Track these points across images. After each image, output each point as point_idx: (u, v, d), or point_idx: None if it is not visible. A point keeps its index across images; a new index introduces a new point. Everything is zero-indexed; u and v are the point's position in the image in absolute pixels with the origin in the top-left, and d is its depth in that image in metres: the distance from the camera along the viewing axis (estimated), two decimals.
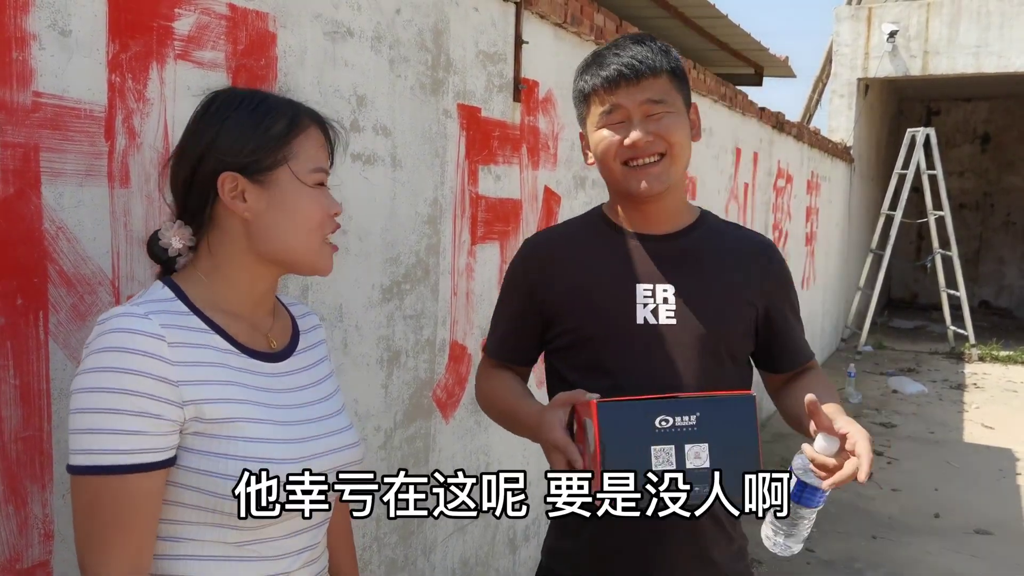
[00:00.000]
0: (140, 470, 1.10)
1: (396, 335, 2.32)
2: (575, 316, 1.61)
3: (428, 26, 2.36)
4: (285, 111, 1.24)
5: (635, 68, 1.51)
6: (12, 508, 1.31)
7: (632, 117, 1.53)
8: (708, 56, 6.46)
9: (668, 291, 1.57)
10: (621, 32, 3.64)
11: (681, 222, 1.64)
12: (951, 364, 9.87)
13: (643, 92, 1.52)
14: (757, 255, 1.66)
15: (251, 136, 1.20)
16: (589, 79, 1.58)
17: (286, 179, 1.22)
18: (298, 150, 1.23)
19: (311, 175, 1.24)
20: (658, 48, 1.56)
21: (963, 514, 4.86)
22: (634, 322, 1.56)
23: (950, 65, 10.65)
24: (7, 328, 1.28)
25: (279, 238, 1.23)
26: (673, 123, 1.54)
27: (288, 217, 1.23)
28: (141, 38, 1.48)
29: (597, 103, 1.56)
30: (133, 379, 1.09)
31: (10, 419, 1.30)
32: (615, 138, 1.54)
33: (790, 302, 1.69)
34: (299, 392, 1.30)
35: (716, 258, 1.63)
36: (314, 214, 1.25)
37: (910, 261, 13.96)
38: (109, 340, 1.11)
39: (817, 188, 8.55)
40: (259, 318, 1.29)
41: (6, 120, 1.27)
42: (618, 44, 1.57)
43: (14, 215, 1.28)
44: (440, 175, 2.46)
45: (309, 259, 1.27)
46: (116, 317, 1.13)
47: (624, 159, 1.55)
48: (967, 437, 6.66)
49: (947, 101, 15.14)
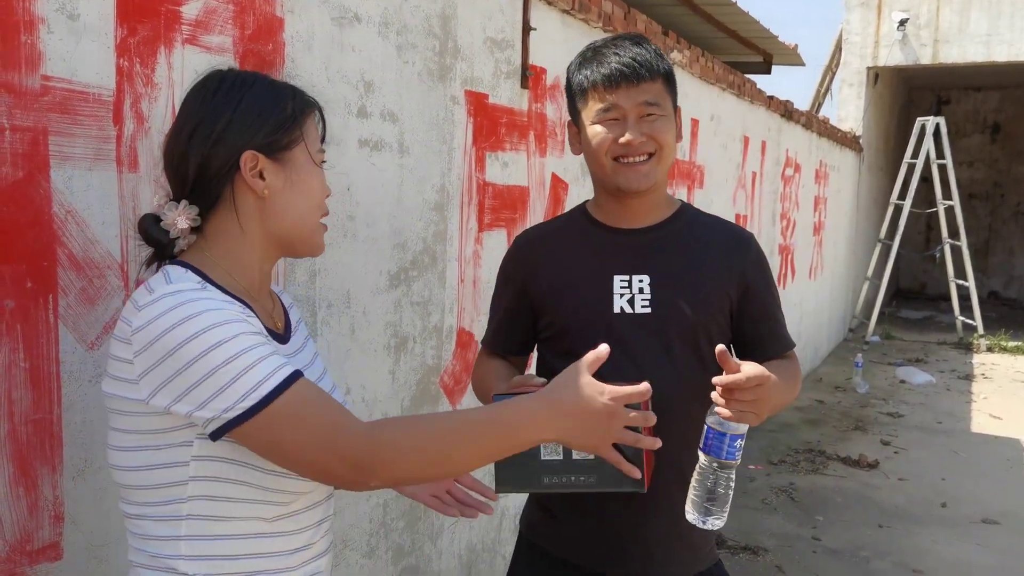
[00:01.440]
0: (302, 375, 1.12)
1: (403, 321, 2.33)
2: (557, 308, 1.70)
3: (435, 12, 2.35)
4: (291, 92, 1.26)
5: (636, 70, 1.58)
6: (22, 490, 1.32)
7: (628, 117, 1.59)
8: (717, 44, 6.43)
9: (644, 281, 1.64)
10: (630, 19, 3.62)
11: (660, 215, 1.71)
12: (959, 354, 9.84)
13: (641, 94, 1.58)
14: (733, 246, 1.70)
15: (270, 114, 1.21)
16: (589, 74, 1.62)
17: (302, 158, 1.25)
18: (308, 129, 1.26)
19: (319, 154, 1.29)
20: (654, 51, 1.63)
21: (970, 504, 4.85)
22: (611, 311, 1.64)
23: (960, 54, 10.57)
24: (17, 311, 1.29)
25: (291, 215, 1.25)
26: (664, 126, 1.61)
27: (301, 195, 1.25)
28: (149, 22, 1.48)
29: (596, 99, 1.61)
30: (237, 325, 1.09)
31: (20, 402, 1.31)
32: (610, 135, 1.60)
33: (768, 292, 1.72)
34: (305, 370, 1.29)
35: (692, 249, 1.68)
36: (320, 193, 1.29)
37: (919, 251, 13.90)
38: (187, 309, 1.07)
39: (825, 177, 8.51)
40: (265, 300, 1.30)
41: (15, 104, 1.27)
42: (617, 43, 1.62)
43: (23, 199, 1.29)
44: (447, 162, 2.46)
45: (310, 238, 1.30)
46: (172, 294, 1.09)
47: (616, 155, 1.61)
48: (975, 427, 6.64)
49: (957, 90, 15.03)
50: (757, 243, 1.75)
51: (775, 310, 1.73)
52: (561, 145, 3.13)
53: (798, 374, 1.72)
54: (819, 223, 8.41)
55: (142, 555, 1.17)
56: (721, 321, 1.67)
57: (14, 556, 1.32)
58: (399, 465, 1.13)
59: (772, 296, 1.73)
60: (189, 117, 1.21)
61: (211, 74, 1.24)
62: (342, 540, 2.13)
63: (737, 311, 1.68)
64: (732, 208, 5.46)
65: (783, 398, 1.62)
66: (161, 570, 1.16)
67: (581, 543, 1.68)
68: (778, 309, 1.74)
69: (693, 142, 4.60)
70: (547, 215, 3.06)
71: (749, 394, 1.41)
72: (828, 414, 6.83)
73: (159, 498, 1.15)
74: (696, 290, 1.65)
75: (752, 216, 5.97)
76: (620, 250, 1.68)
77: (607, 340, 1.60)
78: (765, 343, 1.70)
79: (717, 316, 1.66)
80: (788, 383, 1.63)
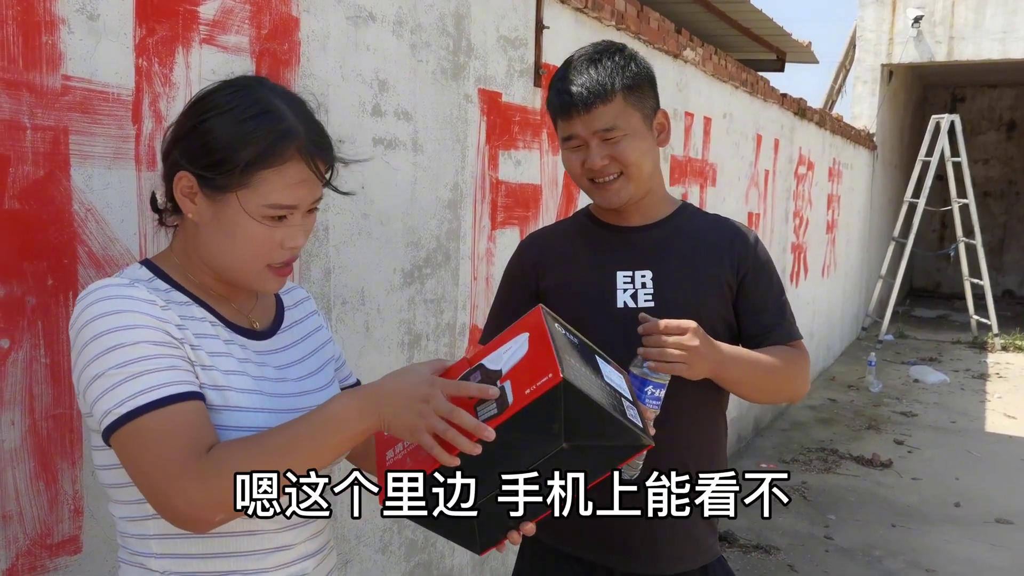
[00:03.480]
0: (183, 399, 1.08)
1: (417, 319, 2.34)
2: (562, 304, 1.69)
3: (449, 11, 2.36)
4: (267, 137, 1.14)
5: (584, 98, 1.58)
6: (43, 484, 1.34)
7: (589, 144, 1.61)
8: (730, 41, 6.41)
9: (646, 276, 1.67)
10: (643, 18, 3.62)
11: (659, 214, 1.74)
12: (974, 353, 9.77)
13: (595, 121, 1.59)
14: (732, 240, 1.72)
15: (216, 150, 1.13)
16: (552, 100, 1.66)
17: (235, 206, 1.15)
18: (259, 183, 1.14)
19: (263, 209, 1.15)
20: (613, 66, 1.60)
21: (984, 503, 4.83)
22: (614, 306, 1.66)
23: (976, 51, 10.49)
24: (38, 308, 1.31)
25: (216, 253, 1.19)
26: (627, 146, 1.61)
27: (227, 239, 1.17)
28: (167, 22, 1.50)
29: (559, 127, 1.66)
30: (144, 331, 1.08)
31: (41, 397, 1.33)
32: (577, 159, 1.64)
33: (766, 283, 1.72)
34: (286, 368, 1.28)
35: (693, 244, 1.71)
36: (255, 246, 1.17)
37: (933, 250, 13.81)
38: (101, 307, 1.08)
39: (839, 175, 8.47)
40: (239, 299, 1.27)
41: (36, 103, 1.29)
42: (575, 66, 1.63)
43: (45, 197, 1.31)
44: (461, 160, 2.47)
45: (246, 280, 1.22)
46: (100, 289, 1.10)
47: (589, 177, 1.65)
48: (989, 427, 6.60)
49: (972, 87, 14.92)
50: (756, 237, 1.77)
51: (775, 301, 1.74)
52: None
53: (797, 363, 1.71)
54: (832, 221, 8.37)
55: (124, 552, 1.19)
56: (724, 314, 1.69)
57: (35, 549, 1.34)
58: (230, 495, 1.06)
59: (772, 287, 1.74)
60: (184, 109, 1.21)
61: (229, 79, 1.21)
62: (356, 536, 2.15)
63: (738, 303, 1.70)
64: (745, 206, 5.45)
65: (758, 376, 1.63)
66: (136, 567, 1.17)
67: (586, 538, 1.69)
68: (779, 300, 1.75)
69: (706, 140, 4.60)
70: (560, 213, 3.07)
71: (671, 339, 1.46)
72: (841, 413, 6.81)
73: (129, 496, 1.14)
74: (697, 283, 1.67)
75: (765, 214, 5.95)
76: (622, 247, 1.71)
77: (611, 334, 1.62)
78: (766, 332, 1.71)
79: (720, 308, 1.68)
80: (777, 363, 1.65)
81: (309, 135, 1.18)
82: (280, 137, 1.14)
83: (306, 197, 1.19)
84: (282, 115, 1.16)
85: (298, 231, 1.20)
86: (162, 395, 1.06)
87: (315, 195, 1.21)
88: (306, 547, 1.26)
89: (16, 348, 1.29)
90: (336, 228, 1.98)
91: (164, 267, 1.21)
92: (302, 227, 1.21)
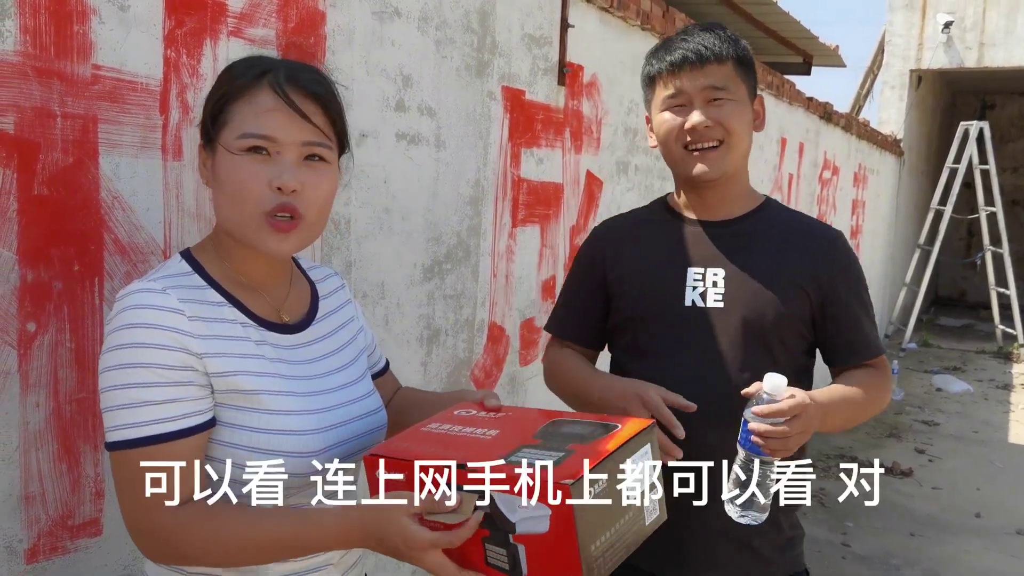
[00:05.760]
0: (182, 436, 1.11)
1: (436, 314, 2.35)
2: (627, 298, 1.67)
3: (474, 8, 2.37)
4: (238, 74, 1.17)
5: (700, 54, 1.55)
6: (65, 466, 1.37)
7: (693, 101, 1.56)
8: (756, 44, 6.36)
9: (718, 275, 1.60)
10: (668, 18, 3.61)
11: (741, 208, 1.66)
12: (998, 364, 9.65)
13: (706, 77, 1.56)
14: (817, 243, 1.63)
15: (206, 104, 1.19)
16: (655, 63, 1.62)
17: (221, 148, 1.16)
18: (232, 116, 1.15)
19: (237, 143, 1.13)
20: (726, 36, 1.60)
21: (1005, 514, 4.77)
22: (682, 304, 1.60)
23: (1007, 57, 10.36)
24: (64, 292, 1.33)
25: (222, 214, 1.19)
26: (733, 111, 1.57)
27: (222, 191, 1.16)
28: (196, 14, 1.52)
29: (662, 86, 1.60)
30: (158, 353, 1.09)
31: (65, 381, 1.35)
32: (676, 121, 1.58)
33: (852, 293, 1.63)
34: (319, 361, 1.29)
35: (772, 244, 1.62)
36: (240, 185, 1.14)
37: (959, 258, 13.64)
38: (130, 317, 1.10)
39: (864, 181, 8.39)
40: (274, 289, 1.28)
41: (67, 92, 1.31)
42: (687, 31, 1.61)
43: (73, 184, 1.33)
44: (483, 157, 2.48)
45: (247, 236, 1.17)
46: (135, 293, 1.12)
47: (684, 143, 1.59)
48: (1012, 437, 6.52)
49: (1003, 95, 14.71)
50: (845, 242, 1.68)
51: (860, 314, 1.63)
52: (596, 142, 3.14)
53: (882, 384, 1.63)
54: (857, 227, 8.30)
55: None
56: (799, 323, 1.60)
57: (56, 531, 1.36)
58: (195, 558, 1.13)
59: (857, 299, 1.64)
60: None
61: None
62: None
63: (819, 313, 1.61)
64: None
65: (854, 414, 1.57)
66: None
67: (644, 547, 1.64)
68: (865, 313, 1.65)
69: None
70: (581, 212, 3.07)
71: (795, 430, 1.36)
72: None
73: None
74: (773, 288, 1.58)
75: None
76: (696, 242, 1.64)
77: (674, 333, 1.58)
78: (846, 349, 1.62)
79: (794, 317, 1.59)
80: (866, 397, 1.57)
81: (286, 68, 1.17)
82: (250, 68, 1.17)
83: (287, 130, 1.15)
84: (263, 58, 1.20)
85: (283, 169, 1.14)
86: (150, 433, 1.09)
87: (301, 132, 1.16)
88: None
89: (42, 332, 1.31)
90: (358, 222, 2.00)
91: (202, 259, 1.22)
92: (294, 170, 1.15)
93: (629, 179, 3.44)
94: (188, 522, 1.10)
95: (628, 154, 3.40)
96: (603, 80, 3.13)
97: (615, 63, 3.22)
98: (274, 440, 1.16)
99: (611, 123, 3.24)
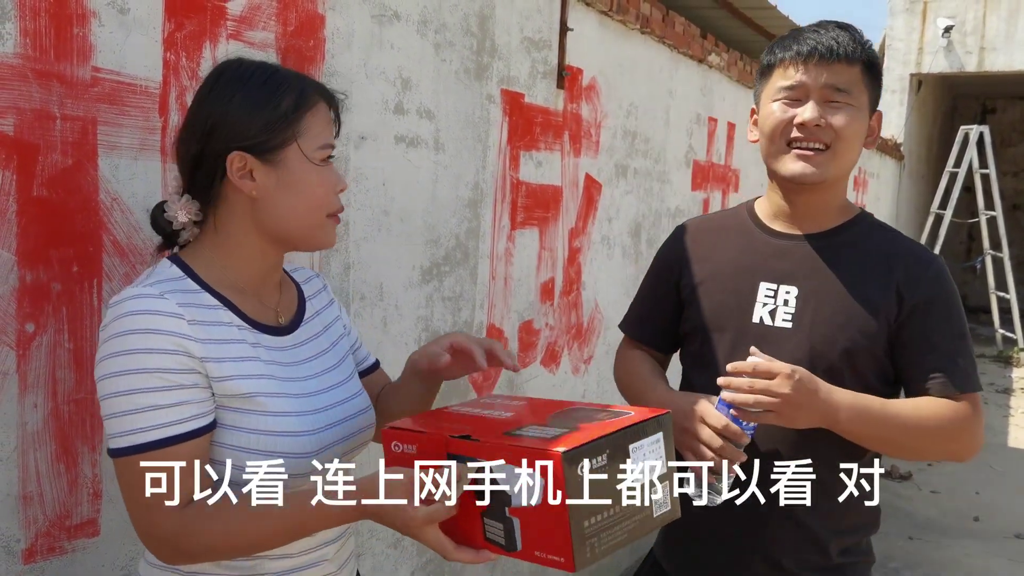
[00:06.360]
0: (186, 439, 1.12)
1: (434, 316, 2.36)
2: (696, 306, 1.61)
3: (474, 11, 2.37)
4: (294, 86, 1.21)
5: (832, 50, 1.45)
6: (63, 467, 1.37)
7: (811, 97, 1.47)
8: (756, 48, 6.38)
9: (791, 293, 1.51)
10: (668, 22, 3.62)
11: (830, 222, 1.56)
12: (998, 368, 9.66)
13: (830, 75, 1.45)
14: (906, 263, 1.50)
15: (260, 114, 1.17)
16: (779, 51, 1.52)
17: (295, 157, 1.19)
18: (307, 127, 1.20)
19: (319, 152, 1.22)
20: (861, 39, 1.50)
21: (1004, 518, 4.77)
22: (749, 320, 1.53)
23: (1007, 62, 10.36)
24: (63, 294, 1.34)
25: (285, 216, 1.21)
26: (850, 116, 1.47)
27: (295, 195, 1.21)
28: (195, 17, 1.52)
29: (780, 75, 1.50)
30: (162, 358, 1.10)
31: (64, 381, 1.35)
32: (786, 115, 1.48)
33: (943, 322, 1.48)
34: (311, 362, 1.30)
35: (857, 265, 1.51)
36: (320, 192, 1.23)
37: (959, 262, 13.64)
38: (129, 323, 1.11)
39: (864, 185, 8.40)
40: (267, 293, 1.29)
41: (66, 94, 1.32)
42: (821, 24, 1.52)
43: (72, 185, 1.34)
44: (482, 159, 2.48)
45: (313, 236, 1.26)
46: (131, 299, 1.12)
47: (788, 139, 1.49)
48: (1012, 442, 6.52)
49: (1004, 99, 14.72)
50: (941, 265, 1.53)
51: (949, 343, 1.47)
52: (595, 146, 3.15)
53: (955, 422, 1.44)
54: None
55: None
56: (876, 351, 1.48)
57: (54, 531, 1.37)
58: (203, 556, 1.15)
59: (948, 326, 1.48)
60: (189, 112, 1.23)
61: (216, 67, 1.24)
62: (368, 530, 2.16)
63: (899, 340, 1.48)
64: None
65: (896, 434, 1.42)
66: None
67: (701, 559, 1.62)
68: (955, 343, 1.47)
69: (729, 146, 4.58)
70: (580, 215, 3.08)
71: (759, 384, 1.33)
72: None
73: None
74: (848, 310, 1.47)
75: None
76: (774, 255, 1.55)
77: (736, 350, 1.49)
78: (926, 378, 1.45)
79: (870, 345, 1.47)
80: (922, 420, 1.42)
81: (311, 79, 1.27)
82: (302, 82, 1.23)
83: (333, 136, 1.27)
84: (284, 70, 1.25)
85: (340, 176, 1.28)
86: (157, 437, 1.10)
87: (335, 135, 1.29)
88: (328, 533, 1.28)
89: (40, 333, 1.32)
90: (356, 224, 2.00)
91: (194, 264, 1.22)
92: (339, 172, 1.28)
93: (628, 182, 3.44)
94: (196, 522, 1.12)
95: (627, 157, 3.41)
96: (602, 83, 3.14)
97: (614, 66, 3.22)
98: (272, 441, 1.18)
99: (610, 126, 3.24)
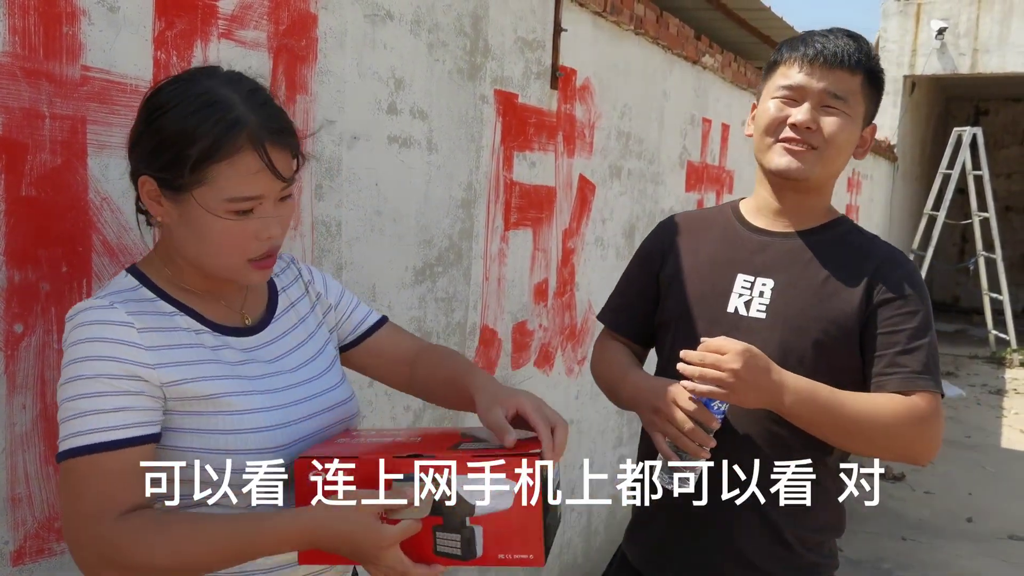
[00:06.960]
0: (129, 444, 1.10)
1: (428, 317, 2.35)
2: (674, 297, 1.66)
3: (467, 11, 2.37)
4: (213, 129, 1.10)
5: (836, 56, 1.50)
6: (52, 469, 1.36)
7: (807, 99, 1.51)
8: (750, 49, 6.39)
9: (767, 285, 1.56)
10: (662, 23, 3.62)
11: (812, 222, 1.61)
12: (991, 369, 9.69)
13: (830, 82, 1.50)
14: (880, 264, 1.53)
15: (166, 150, 1.11)
16: (786, 52, 1.56)
17: (195, 204, 1.13)
18: (212, 177, 1.11)
19: (225, 204, 1.12)
20: (867, 50, 1.54)
21: (997, 519, 4.79)
22: (724, 310, 1.57)
23: (1000, 64, 10.41)
24: (52, 294, 1.33)
25: (192, 253, 1.18)
26: (841, 124, 1.51)
27: (197, 239, 1.16)
28: (186, 16, 1.51)
29: (782, 74, 1.55)
30: (109, 364, 1.10)
31: (53, 383, 1.34)
32: (781, 113, 1.53)
33: (906, 319, 1.49)
34: (283, 359, 1.29)
35: (832, 261, 1.55)
36: (227, 241, 1.15)
37: (952, 263, 13.69)
38: (80, 333, 1.11)
39: (858, 186, 8.42)
40: (229, 295, 1.28)
41: (55, 92, 1.31)
42: (832, 30, 1.56)
43: (61, 185, 1.33)
44: (475, 160, 2.48)
45: (228, 276, 1.21)
46: (83, 311, 1.13)
47: (778, 136, 1.54)
48: (1004, 443, 6.54)
49: (996, 101, 14.78)
50: (915, 268, 1.56)
51: (910, 340, 1.47)
52: (589, 146, 3.14)
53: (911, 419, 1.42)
54: None
55: None
56: (848, 345, 1.51)
57: (42, 533, 1.36)
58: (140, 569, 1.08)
59: (911, 324, 1.48)
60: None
61: (167, 78, 1.21)
62: None
63: (865, 334, 1.50)
64: None
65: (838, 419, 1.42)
66: None
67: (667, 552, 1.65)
68: (914, 340, 1.47)
69: (723, 147, 4.59)
70: (573, 216, 3.07)
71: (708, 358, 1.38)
72: None
73: None
74: (821, 305, 1.51)
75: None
76: (754, 250, 1.60)
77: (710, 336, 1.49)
78: (885, 373, 1.47)
79: (842, 337, 1.50)
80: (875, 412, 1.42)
81: (261, 121, 1.13)
82: (227, 128, 1.10)
83: (271, 185, 1.15)
84: (229, 104, 1.12)
85: (270, 222, 1.17)
86: (100, 440, 1.08)
87: (280, 184, 1.16)
88: None
89: (29, 333, 1.31)
90: (349, 224, 2.00)
91: (149, 272, 1.22)
92: (276, 217, 1.18)
93: (622, 183, 3.44)
94: (133, 532, 1.08)
95: (621, 158, 3.41)
96: (596, 84, 3.14)
97: (608, 67, 3.22)
98: (241, 439, 1.17)
99: (604, 127, 3.24)
